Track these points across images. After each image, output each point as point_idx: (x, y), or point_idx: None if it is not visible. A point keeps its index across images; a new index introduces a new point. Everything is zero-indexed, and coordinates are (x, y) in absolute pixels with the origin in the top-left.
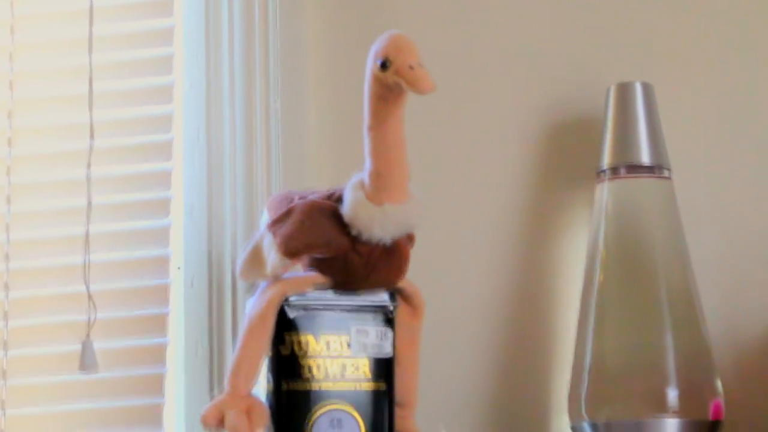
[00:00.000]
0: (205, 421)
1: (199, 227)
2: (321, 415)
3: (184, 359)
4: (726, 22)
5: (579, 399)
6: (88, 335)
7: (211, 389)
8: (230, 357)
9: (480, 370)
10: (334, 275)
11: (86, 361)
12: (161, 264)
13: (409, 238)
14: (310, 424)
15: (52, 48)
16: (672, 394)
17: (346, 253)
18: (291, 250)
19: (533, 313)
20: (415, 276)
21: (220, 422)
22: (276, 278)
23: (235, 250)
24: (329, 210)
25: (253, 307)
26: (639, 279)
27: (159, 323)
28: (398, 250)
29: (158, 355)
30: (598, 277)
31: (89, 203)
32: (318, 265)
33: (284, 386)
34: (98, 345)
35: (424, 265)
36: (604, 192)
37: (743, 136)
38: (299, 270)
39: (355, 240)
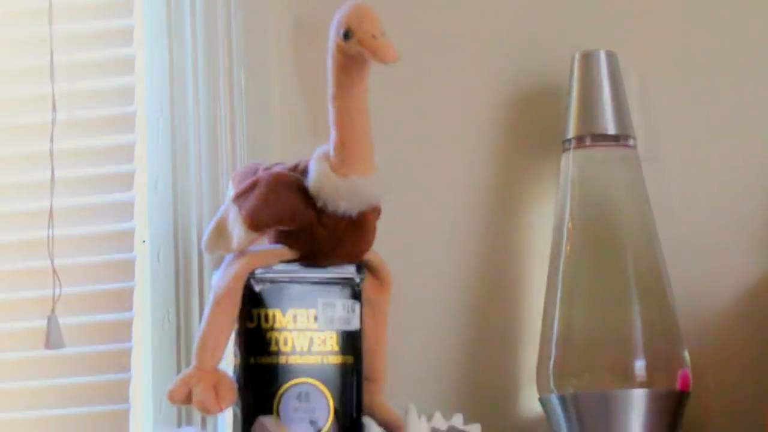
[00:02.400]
0: (171, 397)
1: (164, 201)
2: (288, 388)
3: (150, 334)
4: None
5: (546, 371)
6: (53, 310)
7: (178, 364)
8: (197, 331)
9: (448, 344)
10: (301, 248)
11: (52, 337)
12: (126, 238)
13: (375, 211)
14: (277, 398)
15: (13, 18)
16: (639, 366)
17: (311, 226)
18: (256, 224)
19: (500, 285)
20: (381, 249)
21: (187, 397)
22: (242, 252)
23: (201, 223)
24: (294, 182)
25: (219, 281)
26: (605, 250)
27: (125, 297)
28: (364, 223)
29: (124, 330)
30: (564, 248)
31: (53, 177)
32: (284, 238)
33: (251, 360)
34: (63, 320)
35: (391, 237)
36: (570, 162)
37: (707, 105)
38: (265, 243)
39: (320, 212)
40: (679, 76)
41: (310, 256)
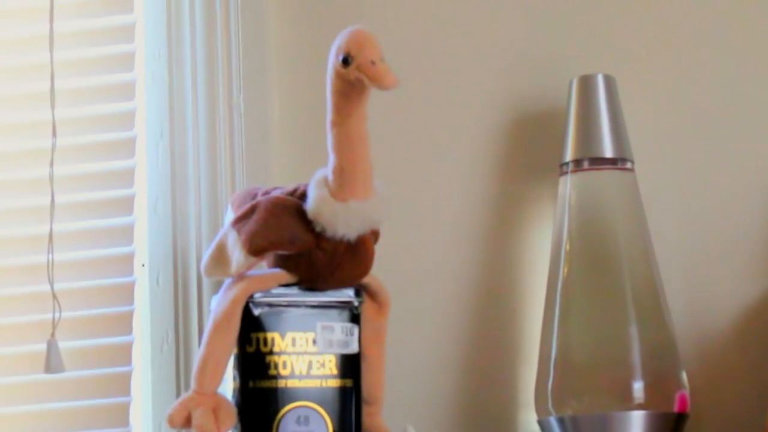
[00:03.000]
0: (171, 421)
1: (163, 224)
2: (288, 412)
3: (150, 357)
4: (687, 15)
5: (545, 393)
6: (53, 334)
7: (178, 387)
8: (196, 355)
9: (446, 366)
10: (299, 272)
11: (52, 360)
12: (126, 261)
13: (374, 234)
14: (276, 422)
15: (13, 45)
16: (637, 387)
17: (310, 250)
18: (255, 248)
19: (498, 307)
20: (379, 271)
21: (187, 421)
22: (241, 276)
23: (200, 246)
24: (293, 206)
25: (218, 305)
26: (603, 272)
27: (124, 321)
28: (363, 247)
29: (124, 353)
30: (562, 270)
31: (52, 201)
32: (282, 262)
33: (250, 384)
34: (63, 344)
35: (389, 260)
36: (568, 185)
37: (705, 128)
38: (264, 267)
39: (319, 237)
40: (677, 99)
41: (309, 280)
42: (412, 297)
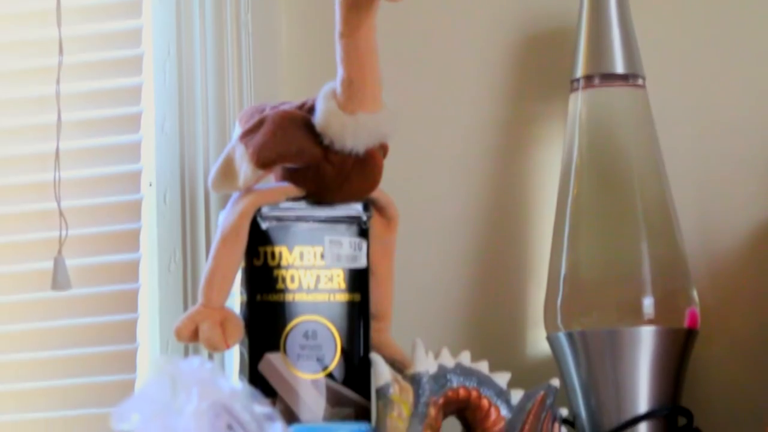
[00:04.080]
0: (178, 334)
1: (170, 143)
2: (295, 326)
3: (157, 275)
4: None
5: (554, 309)
6: (59, 252)
7: (185, 305)
8: (204, 268)
9: (455, 283)
10: (307, 186)
11: (58, 278)
12: (133, 180)
13: (382, 149)
14: (284, 336)
15: None
16: (647, 303)
17: (318, 163)
18: (263, 161)
19: (508, 224)
20: (389, 187)
21: (194, 334)
22: (248, 190)
23: (208, 165)
24: (301, 119)
25: (226, 218)
26: (614, 189)
27: (131, 239)
28: (371, 160)
29: (131, 271)
30: (572, 187)
31: (59, 119)
32: (290, 176)
33: (258, 297)
34: (70, 262)
35: (399, 176)
36: (578, 101)
37: (718, 44)
38: (271, 181)
39: (327, 150)
40: (690, 14)
41: (317, 194)
42: (422, 215)
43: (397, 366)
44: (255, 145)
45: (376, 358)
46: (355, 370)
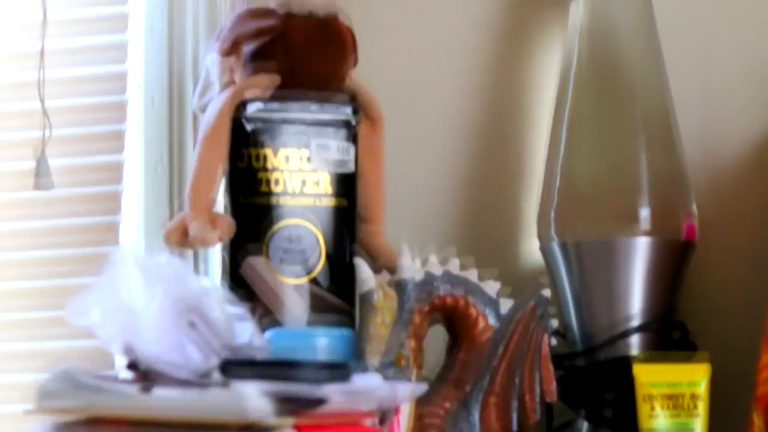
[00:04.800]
0: (168, 238)
1: (159, 45)
2: (278, 230)
3: (143, 178)
4: None
5: (548, 219)
6: (42, 151)
7: (171, 209)
8: (189, 172)
9: (448, 190)
10: (280, 64)
11: (41, 177)
12: (119, 80)
13: (344, 19)
14: (267, 239)
15: None
16: (644, 214)
17: (284, 34)
18: (225, 47)
19: (503, 132)
20: (382, 88)
21: (183, 239)
22: (225, 87)
23: (197, 69)
24: (261, 10)
25: (207, 118)
26: (613, 98)
27: (116, 140)
28: (334, 24)
29: (115, 172)
30: (570, 96)
31: (45, 18)
32: (260, 63)
33: (240, 200)
34: (53, 162)
35: (394, 80)
36: (580, 9)
37: None
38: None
39: (287, 18)
40: None
41: (290, 72)
42: (417, 120)
43: (389, 269)
44: (218, 39)
45: (360, 262)
46: (339, 276)
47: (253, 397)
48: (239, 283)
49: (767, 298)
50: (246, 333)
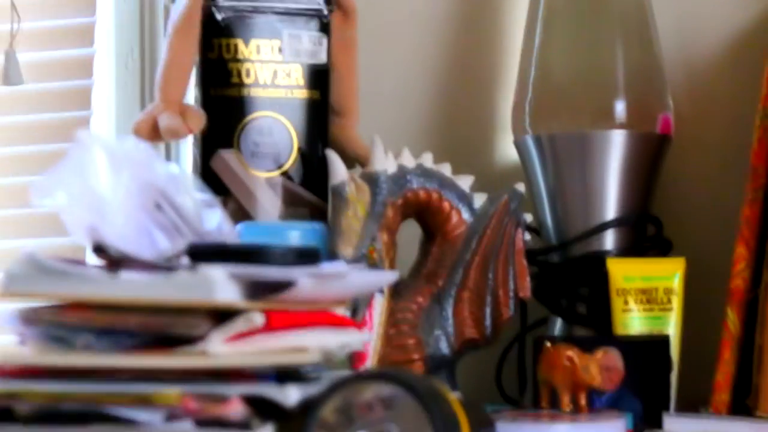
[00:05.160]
0: (138, 131)
1: None
2: (250, 122)
3: (114, 73)
4: None
5: (522, 113)
6: (11, 45)
7: (142, 104)
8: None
9: (423, 84)
10: None
11: (10, 72)
12: None
13: None
14: (238, 132)
15: None
16: (619, 107)
17: None
18: None
19: (478, 24)
20: None
21: (153, 131)
22: None
23: None
24: None
25: (177, 8)
26: None
27: (86, 34)
28: None
29: (85, 67)
30: None
31: None
32: None
33: (211, 92)
34: (22, 56)
35: None
36: None
37: None
38: None
39: None
40: None
41: None
42: (389, 15)
43: (361, 162)
44: None
45: (332, 155)
46: (312, 170)
47: (220, 280)
48: (209, 176)
49: (742, 191)
50: (214, 219)
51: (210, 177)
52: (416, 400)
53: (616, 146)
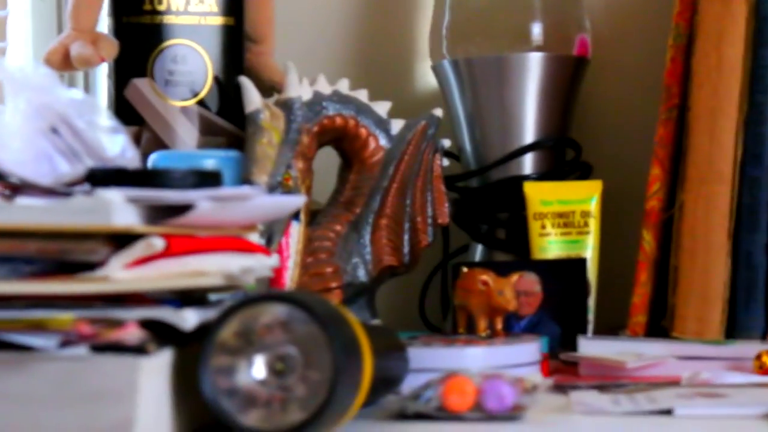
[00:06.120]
0: (49, 60)
1: None
2: (163, 50)
3: (30, 2)
4: None
5: (439, 37)
6: None
7: (59, 34)
8: None
9: (342, 13)
10: None
11: None
12: None
13: None
14: (151, 60)
15: None
16: (536, 29)
17: None
18: None
19: None
20: None
21: (66, 60)
22: None
23: None
24: None
25: None
26: None
27: None
28: None
29: None
30: None
31: None
32: None
33: (123, 20)
34: None
35: None
36: None
37: None
38: None
39: None
40: None
41: None
42: None
43: (277, 89)
44: None
45: (245, 82)
46: (228, 98)
47: (117, 204)
48: (125, 107)
49: (659, 113)
50: (118, 145)
51: (125, 106)
52: (315, 322)
53: (533, 69)
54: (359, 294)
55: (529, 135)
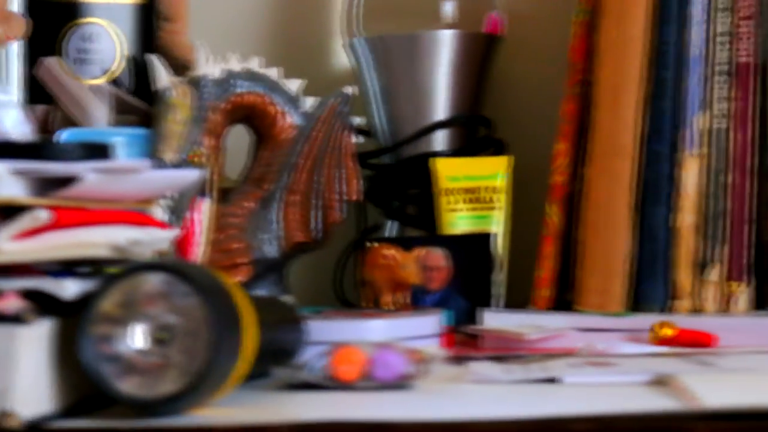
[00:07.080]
0: None
1: None
2: (74, 28)
3: None
4: None
5: (352, 15)
6: None
7: None
8: None
9: None
10: None
11: None
12: None
13: None
14: (60, 39)
15: None
16: (447, 7)
17: None
18: None
19: None
20: None
21: None
22: None
23: None
24: None
25: None
26: None
27: None
28: None
29: None
30: None
31: None
32: None
33: None
34: None
35: None
36: None
37: None
38: None
39: None
40: None
41: None
42: None
43: (189, 68)
44: None
45: (154, 60)
46: (141, 76)
47: (2, 176)
48: (36, 85)
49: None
50: (10, 119)
51: (36, 85)
52: (193, 291)
53: (444, 46)
54: (270, 270)
55: (441, 112)
